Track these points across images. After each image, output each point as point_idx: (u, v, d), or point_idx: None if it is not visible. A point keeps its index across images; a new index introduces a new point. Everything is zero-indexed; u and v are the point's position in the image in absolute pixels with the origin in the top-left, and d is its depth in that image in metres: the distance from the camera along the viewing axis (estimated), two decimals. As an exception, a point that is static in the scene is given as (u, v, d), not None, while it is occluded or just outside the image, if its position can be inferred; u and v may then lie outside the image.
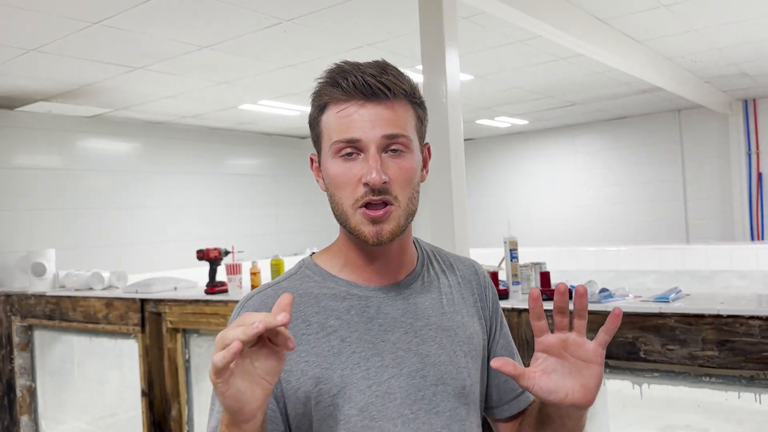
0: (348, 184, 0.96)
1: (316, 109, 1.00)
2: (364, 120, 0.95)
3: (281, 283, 1.03)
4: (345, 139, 0.95)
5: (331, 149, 0.97)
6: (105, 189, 6.67)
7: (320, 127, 0.99)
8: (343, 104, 0.96)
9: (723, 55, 5.50)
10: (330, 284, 1.02)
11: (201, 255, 3.63)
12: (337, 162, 0.96)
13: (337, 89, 0.96)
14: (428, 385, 0.99)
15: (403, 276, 1.05)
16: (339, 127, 0.95)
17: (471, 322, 1.08)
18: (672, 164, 8.73)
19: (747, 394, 1.94)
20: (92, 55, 4.21)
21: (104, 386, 4.84)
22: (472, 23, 4.01)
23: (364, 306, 1.00)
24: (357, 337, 0.97)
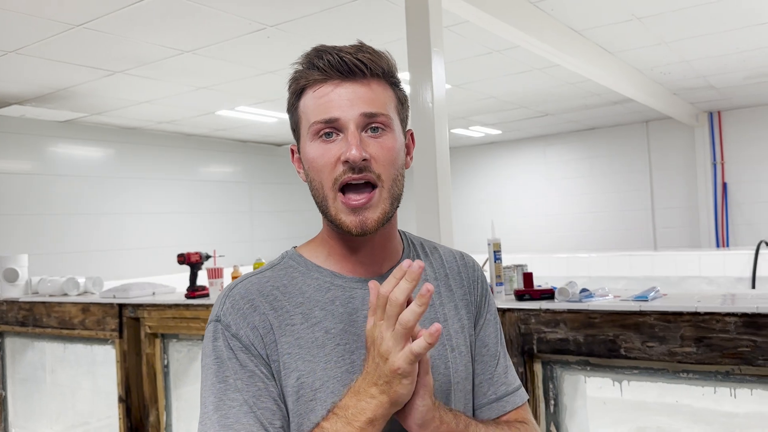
0: (327, 165, 0.92)
1: (293, 95, 0.97)
2: (342, 99, 0.91)
3: (265, 273, 0.99)
4: (323, 119, 0.91)
5: (309, 132, 0.94)
6: (78, 195, 6.58)
7: (298, 113, 0.96)
8: (320, 85, 0.93)
9: (691, 67, 5.67)
10: (314, 275, 0.98)
11: (182, 259, 3.61)
12: (316, 144, 0.93)
13: (314, 70, 0.93)
14: None
15: (387, 267, 1.01)
16: (316, 109, 0.92)
17: (458, 316, 1.05)
18: (640, 174, 8.95)
19: (723, 388, 2.01)
20: (72, 58, 4.18)
21: (76, 394, 4.76)
22: (452, 32, 4.09)
23: (348, 297, 0.96)
24: (342, 329, 0.93)
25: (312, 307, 0.95)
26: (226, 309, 0.93)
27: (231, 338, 0.91)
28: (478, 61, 4.97)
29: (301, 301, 0.95)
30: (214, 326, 0.94)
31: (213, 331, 0.94)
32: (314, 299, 0.95)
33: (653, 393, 2.32)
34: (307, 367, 0.90)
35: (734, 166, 8.19)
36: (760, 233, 7.43)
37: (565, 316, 2.17)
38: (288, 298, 0.95)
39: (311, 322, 0.93)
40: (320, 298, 0.96)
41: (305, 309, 0.94)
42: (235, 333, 0.91)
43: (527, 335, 2.24)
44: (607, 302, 2.16)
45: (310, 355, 0.91)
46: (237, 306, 0.93)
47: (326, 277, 0.98)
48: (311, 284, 0.97)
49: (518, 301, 2.31)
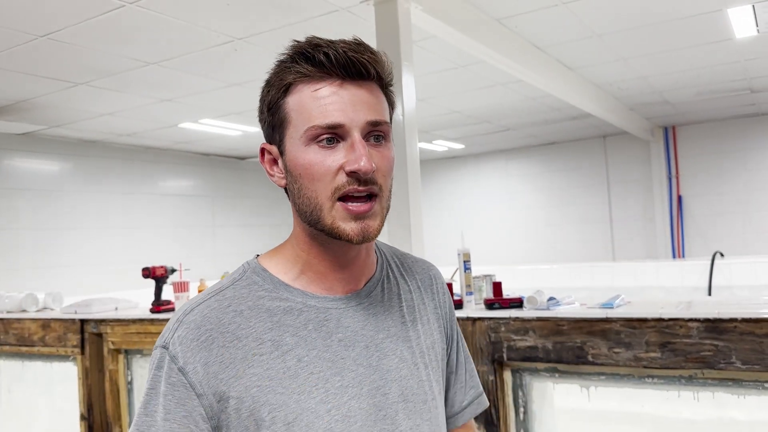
0: (326, 174, 0.83)
1: (279, 89, 0.86)
2: (345, 102, 0.83)
3: (224, 292, 0.88)
4: (325, 124, 0.82)
5: (304, 135, 0.84)
6: (36, 209, 6.42)
7: (285, 111, 0.86)
8: (318, 83, 0.83)
9: (647, 83, 5.86)
10: (284, 294, 0.89)
11: (147, 273, 3.56)
12: (313, 149, 0.83)
13: (310, 64, 0.83)
14: (390, 403, 0.90)
15: (363, 283, 0.95)
16: (316, 110, 0.83)
17: (431, 330, 1.01)
18: (598, 187, 9.16)
19: (686, 392, 2.07)
20: (34, 69, 4.10)
21: (34, 414, 4.62)
22: (418, 47, 4.16)
23: (322, 320, 0.88)
24: (315, 355, 0.86)
25: (282, 333, 0.86)
26: (177, 338, 0.83)
27: (176, 372, 0.82)
28: (442, 76, 5.05)
29: (269, 327, 0.86)
30: (160, 353, 0.84)
31: (159, 359, 0.84)
32: (284, 324, 0.86)
33: (618, 400, 2.37)
34: (279, 400, 0.83)
35: (689, 180, 8.46)
36: (713, 244, 7.67)
37: (534, 323, 2.21)
38: (255, 324, 0.85)
39: (282, 350, 0.85)
40: (291, 322, 0.87)
41: (275, 335, 0.85)
42: (182, 367, 0.81)
43: (497, 343, 2.28)
44: (575, 310, 2.20)
45: (282, 386, 0.83)
46: (190, 337, 0.82)
47: (297, 298, 0.89)
48: (280, 306, 0.87)
49: (488, 310, 2.34)
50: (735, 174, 8.19)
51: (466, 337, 2.29)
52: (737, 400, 1.98)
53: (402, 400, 0.91)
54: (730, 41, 4.65)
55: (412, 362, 0.94)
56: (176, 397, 0.81)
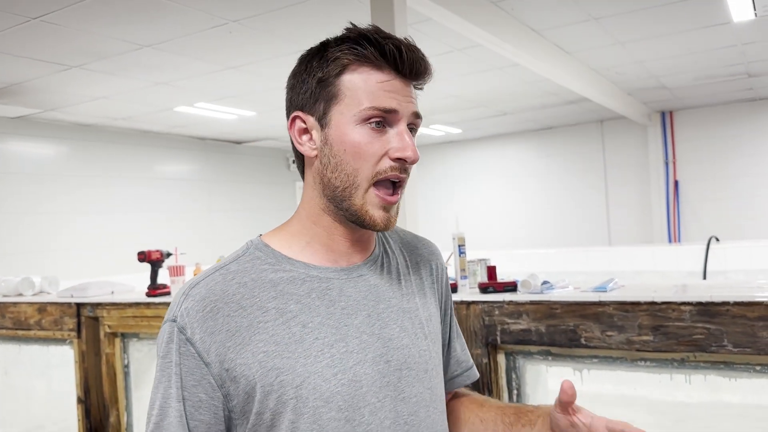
0: (373, 155, 0.89)
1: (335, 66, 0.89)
2: (399, 92, 0.89)
3: (229, 266, 0.92)
4: (383, 107, 0.88)
5: (358, 114, 0.88)
6: (31, 193, 6.40)
7: (338, 87, 0.89)
8: (380, 71, 0.89)
9: (645, 68, 5.84)
10: (286, 267, 0.92)
11: (143, 257, 3.55)
12: (364, 130, 0.89)
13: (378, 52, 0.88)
14: (392, 370, 0.93)
15: (364, 257, 0.99)
16: (375, 94, 0.88)
17: (428, 304, 1.05)
18: (595, 172, 9.16)
19: (678, 375, 2.09)
20: (27, 52, 4.07)
21: (31, 397, 4.64)
22: (415, 30, 4.13)
23: (325, 289, 0.92)
24: (319, 321, 0.89)
25: (286, 301, 0.89)
26: (184, 310, 0.87)
27: (184, 343, 0.86)
28: (439, 60, 5.03)
29: (273, 296, 0.89)
30: (169, 326, 0.88)
31: (168, 332, 0.88)
32: (288, 292, 0.90)
33: (611, 383, 2.38)
34: (286, 364, 0.85)
35: (685, 165, 8.46)
36: (709, 229, 7.69)
37: (528, 307, 2.22)
38: (258, 293, 0.89)
39: (286, 317, 0.88)
40: (295, 291, 0.90)
41: (279, 303, 0.89)
42: (190, 337, 0.85)
43: (491, 327, 2.29)
44: (568, 293, 2.21)
45: (288, 351, 0.86)
46: (196, 308, 0.86)
47: (299, 269, 0.92)
48: (283, 276, 0.91)
49: (482, 294, 2.35)
50: (731, 159, 8.19)
51: (460, 321, 2.30)
52: (729, 382, 2.00)
53: (405, 367, 0.94)
54: (727, 25, 4.63)
55: (412, 332, 0.97)
56: (187, 367, 0.86)
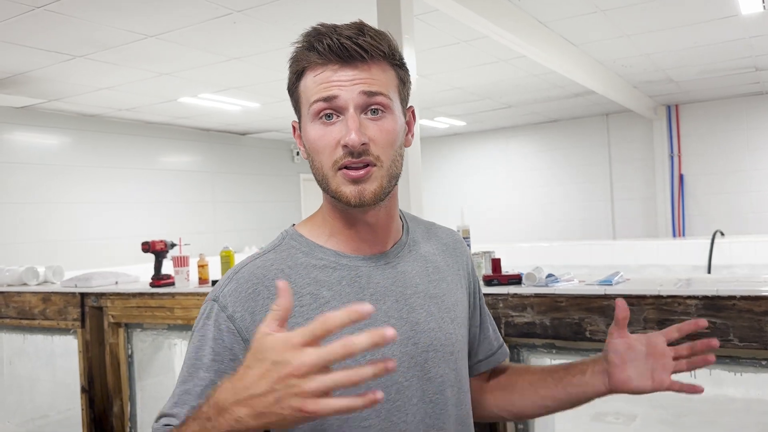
0: (327, 147, 0.93)
1: (293, 74, 0.97)
2: (342, 80, 0.92)
3: (267, 255, 0.98)
4: (322, 97, 0.92)
5: (310, 112, 0.94)
6: (35, 183, 6.41)
7: (298, 93, 0.97)
8: (320, 68, 0.93)
9: (651, 60, 5.81)
10: (318, 255, 0.98)
11: (147, 247, 3.55)
12: (317, 125, 0.94)
13: (314, 53, 0.93)
14: (420, 352, 0.98)
15: (390, 245, 1.04)
16: (316, 90, 0.93)
17: (455, 290, 1.09)
18: (600, 166, 9.13)
19: (683, 369, 2.07)
20: (32, 41, 4.06)
21: (35, 386, 4.66)
22: (421, 21, 4.11)
23: (354, 276, 0.97)
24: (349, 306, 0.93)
25: (319, 287, 0.95)
26: (228, 291, 0.94)
27: (225, 320, 0.92)
28: (445, 52, 5.00)
29: (308, 282, 0.95)
30: (210, 305, 0.95)
31: (208, 310, 0.95)
32: (321, 280, 0.96)
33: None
34: None
35: (691, 159, 8.43)
36: (714, 223, 7.66)
37: (533, 300, 2.21)
38: (295, 280, 0.95)
39: (319, 303, 0.94)
40: (327, 278, 0.96)
41: (313, 290, 0.95)
42: (231, 315, 0.92)
43: (495, 319, 2.27)
44: (573, 286, 2.20)
45: None
46: (240, 289, 0.93)
47: (330, 257, 0.98)
48: (316, 264, 0.97)
49: (487, 287, 2.34)
50: (737, 153, 8.15)
51: (464, 313, 2.30)
52: (734, 377, 1.99)
53: (431, 349, 1.00)
54: (735, 18, 4.60)
55: (439, 317, 1.02)
56: (225, 342, 0.91)
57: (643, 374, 1.02)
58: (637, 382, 1.02)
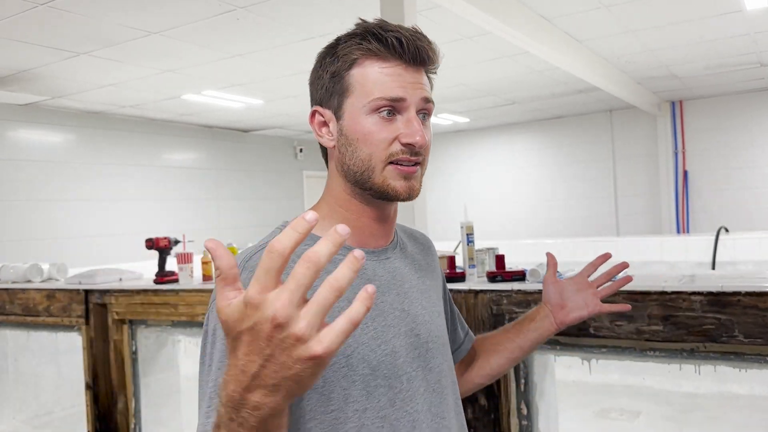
0: (383, 141, 0.95)
1: (346, 61, 0.96)
2: (407, 81, 0.95)
3: None
4: (390, 97, 0.94)
5: (367, 105, 0.95)
6: (39, 180, 6.42)
7: (349, 81, 0.96)
8: (385, 62, 0.94)
9: (655, 56, 5.79)
10: None
11: (150, 244, 3.55)
12: (373, 118, 0.95)
13: (381, 45, 0.94)
14: (421, 342, 1.02)
15: (388, 242, 1.07)
16: (383, 85, 0.94)
17: (435, 286, 1.16)
18: (604, 162, 9.11)
19: (688, 365, 2.07)
20: (35, 38, 4.07)
21: (40, 383, 4.67)
22: (424, 17, 4.10)
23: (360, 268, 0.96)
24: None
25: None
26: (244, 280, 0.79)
27: None
28: (449, 48, 4.99)
29: None
30: None
31: None
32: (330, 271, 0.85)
33: (619, 373, 2.37)
34: None
35: (695, 155, 8.40)
36: (718, 220, 7.64)
37: (537, 296, 2.20)
38: None
39: None
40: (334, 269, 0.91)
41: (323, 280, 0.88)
42: None
43: (499, 316, 2.27)
44: (577, 283, 2.19)
45: None
46: None
47: None
48: None
49: (490, 283, 2.33)
50: (742, 149, 8.12)
51: (468, 309, 2.29)
52: (738, 373, 1.98)
53: (430, 341, 1.04)
54: (740, 13, 4.57)
55: (430, 310, 1.07)
56: None
57: (579, 305, 1.28)
58: (576, 313, 1.28)
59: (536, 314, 1.30)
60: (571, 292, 1.29)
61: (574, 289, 1.29)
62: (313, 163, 10.22)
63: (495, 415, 2.31)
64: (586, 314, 1.29)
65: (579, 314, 1.29)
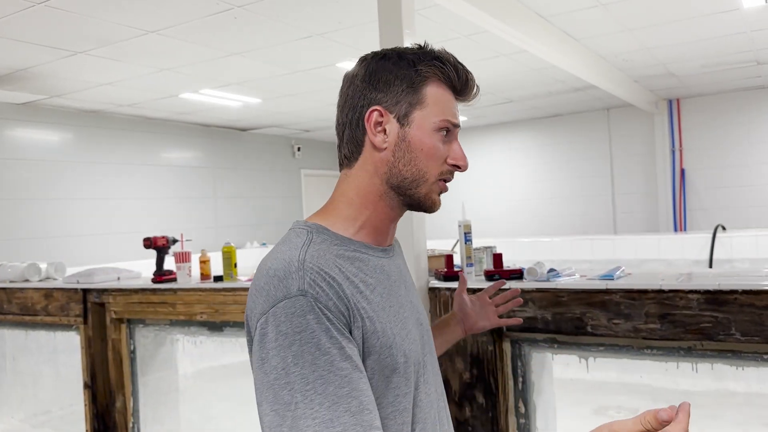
0: (440, 158, 1.06)
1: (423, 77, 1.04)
2: (457, 110, 1.08)
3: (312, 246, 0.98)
4: (453, 122, 1.06)
5: (437, 123, 1.04)
6: (37, 179, 6.41)
7: (424, 94, 1.04)
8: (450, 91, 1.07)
9: (652, 55, 5.79)
10: (351, 247, 1.03)
11: (148, 243, 3.54)
12: (437, 136, 1.05)
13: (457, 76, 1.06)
14: (424, 331, 1.14)
15: (392, 241, 1.16)
16: (447, 109, 1.05)
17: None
18: (601, 161, 9.12)
19: (685, 363, 2.08)
20: (32, 37, 4.06)
21: (38, 383, 4.67)
22: (421, 16, 4.10)
23: (380, 265, 1.06)
24: (386, 293, 1.03)
25: (365, 275, 1.01)
26: (309, 282, 0.91)
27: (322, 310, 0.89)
28: (446, 46, 4.96)
29: (354, 272, 0.99)
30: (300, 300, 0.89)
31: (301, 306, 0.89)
32: (362, 269, 1.02)
33: (616, 371, 2.38)
34: (380, 328, 0.97)
35: (692, 153, 8.41)
36: (715, 218, 7.66)
37: (534, 295, 2.21)
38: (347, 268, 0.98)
39: (369, 289, 0.99)
40: (365, 267, 1.02)
41: (362, 277, 1.00)
42: (326, 305, 0.90)
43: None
44: (575, 281, 2.20)
45: (378, 317, 0.98)
46: (320, 277, 0.92)
47: (361, 248, 1.04)
48: (353, 255, 1.03)
49: (488, 281, 2.34)
50: (739, 147, 8.14)
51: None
52: (735, 371, 1.99)
53: (426, 329, 1.15)
54: (737, 11, 4.58)
55: (419, 303, 1.18)
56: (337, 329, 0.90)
57: (482, 318, 1.52)
58: (480, 324, 1.51)
59: (450, 320, 1.52)
60: (477, 306, 1.53)
61: (479, 305, 1.53)
62: (310, 161, 10.21)
63: (493, 413, 2.32)
64: (489, 325, 1.54)
65: (483, 324, 1.52)
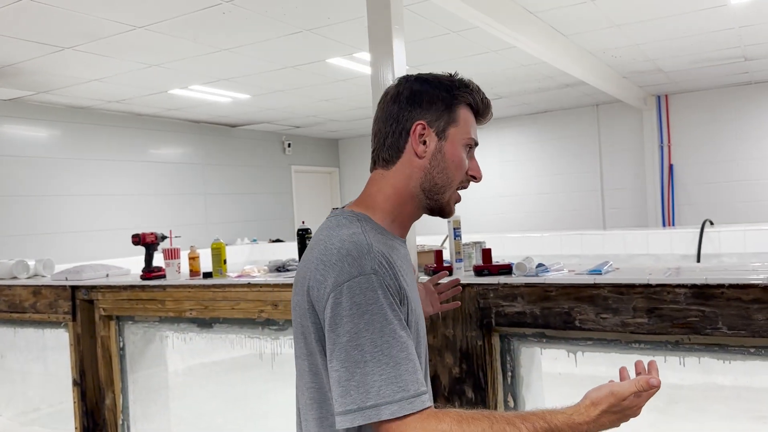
0: (464, 169, 1.27)
1: (459, 101, 1.25)
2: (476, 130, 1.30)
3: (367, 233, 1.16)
4: (476, 141, 1.28)
5: (464, 140, 1.25)
6: (24, 176, 6.37)
7: (457, 115, 1.24)
8: (473, 115, 1.28)
9: (641, 51, 5.82)
10: (389, 235, 1.23)
11: (137, 240, 3.53)
12: (464, 151, 1.26)
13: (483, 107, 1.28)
14: (422, 310, 1.29)
15: None
16: (472, 129, 1.27)
17: None
18: (590, 156, 9.16)
19: (672, 357, 2.09)
20: (18, 32, 4.02)
21: (27, 380, 4.65)
22: (411, 12, 4.10)
23: (404, 255, 1.27)
24: (411, 279, 1.24)
25: (399, 261, 1.19)
26: (378, 263, 1.10)
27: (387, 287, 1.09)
28: (435, 42, 4.99)
29: (395, 258, 1.17)
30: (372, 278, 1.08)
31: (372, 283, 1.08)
32: (395, 255, 1.19)
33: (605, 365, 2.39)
34: (415, 306, 1.20)
35: (680, 148, 8.46)
36: (703, 213, 7.71)
37: (523, 290, 2.22)
38: (389, 254, 1.15)
39: (403, 274, 1.17)
40: (398, 254, 1.21)
41: (399, 263, 1.18)
42: (388, 283, 1.09)
43: (486, 309, 2.29)
44: (563, 276, 2.21)
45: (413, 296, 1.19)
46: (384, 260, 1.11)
47: (394, 240, 1.24)
48: (391, 243, 1.21)
49: (477, 277, 2.35)
50: (726, 143, 8.19)
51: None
52: (722, 365, 2.01)
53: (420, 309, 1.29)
54: (725, 7, 4.61)
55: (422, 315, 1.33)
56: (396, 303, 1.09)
57: (427, 305, 1.67)
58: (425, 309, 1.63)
59: None
60: (424, 294, 1.66)
61: (425, 293, 1.68)
62: (301, 157, 10.20)
63: (482, 408, 2.33)
64: (432, 311, 1.70)
65: (428, 310, 1.67)
